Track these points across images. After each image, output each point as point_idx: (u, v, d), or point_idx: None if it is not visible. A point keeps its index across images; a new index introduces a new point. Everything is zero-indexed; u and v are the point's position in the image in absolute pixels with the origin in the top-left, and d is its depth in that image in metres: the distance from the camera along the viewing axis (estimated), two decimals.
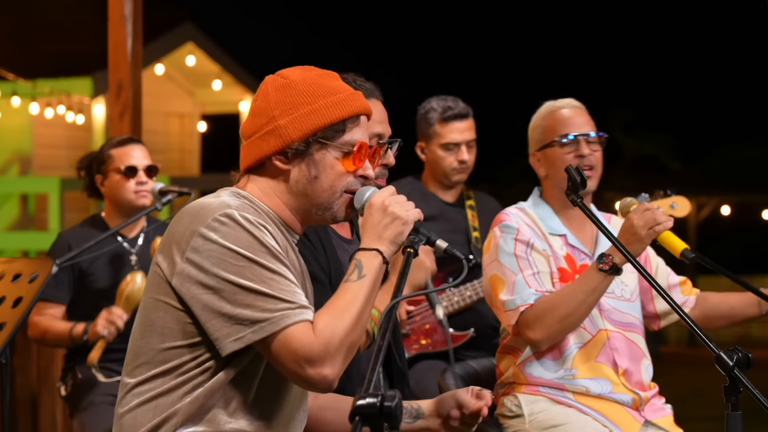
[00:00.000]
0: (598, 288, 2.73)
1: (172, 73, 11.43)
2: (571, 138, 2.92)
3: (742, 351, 2.22)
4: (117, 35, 4.70)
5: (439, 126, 3.91)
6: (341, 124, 1.94)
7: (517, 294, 2.80)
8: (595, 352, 2.86)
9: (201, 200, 1.94)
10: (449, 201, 4.01)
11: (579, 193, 2.69)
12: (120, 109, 4.71)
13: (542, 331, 2.76)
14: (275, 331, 1.82)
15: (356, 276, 1.88)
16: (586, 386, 2.83)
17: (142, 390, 1.92)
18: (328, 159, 1.94)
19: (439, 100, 3.96)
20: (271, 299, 1.84)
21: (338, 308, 1.86)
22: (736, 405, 2.17)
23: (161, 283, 1.91)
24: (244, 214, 1.88)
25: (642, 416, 2.86)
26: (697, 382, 7.69)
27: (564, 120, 2.95)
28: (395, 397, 1.57)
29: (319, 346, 1.82)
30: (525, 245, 2.85)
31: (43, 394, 4.78)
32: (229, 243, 1.85)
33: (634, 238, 2.68)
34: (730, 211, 14.83)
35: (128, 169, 3.67)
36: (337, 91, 1.96)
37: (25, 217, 10.03)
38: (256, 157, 1.95)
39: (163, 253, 1.92)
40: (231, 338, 1.84)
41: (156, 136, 10.79)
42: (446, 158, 3.91)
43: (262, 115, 1.95)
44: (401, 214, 1.94)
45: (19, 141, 10.32)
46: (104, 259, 3.72)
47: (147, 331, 1.93)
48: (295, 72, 1.98)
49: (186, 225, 1.89)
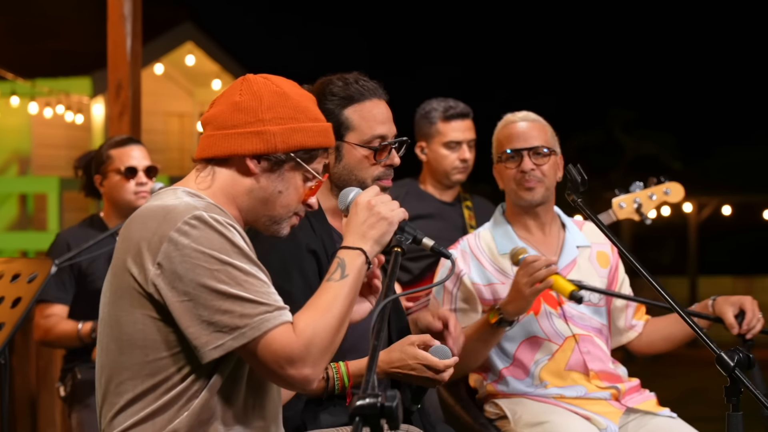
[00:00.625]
0: (489, 341, 2.79)
1: (172, 72, 11.42)
2: (509, 153, 2.91)
3: (743, 351, 2.23)
4: (116, 35, 4.69)
5: (442, 124, 3.92)
6: (316, 151, 1.95)
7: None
8: (564, 361, 2.87)
9: (161, 202, 1.89)
10: (447, 201, 4.01)
11: (580, 192, 2.68)
12: (119, 108, 4.70)
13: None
14: (256, 336, 1.80)
15: (339, 275, 1.87)
16: (561, 393, 2.85)
17: (134, 409, 1.87)
18: (296, 180, 1.94)
19: (439, 100, 3.97)
20: (249, 303, 1.81)
21: (320, 308, 1.84)
22: (737, 405, 2.17)
23: (135, 294, 1.86)
24: (213, 215, 1.85)
25: (623, 405, 2.87)
26: (697, 383, 7.67)
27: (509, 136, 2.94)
28: (395, 397, 1.57)
29: (300, 346, 1.80)
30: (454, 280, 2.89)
31: (42, 395, 4.76)
32: (202, 246, 1.81)
33: (519, 295, 2.71)
34: (732, 211, 14.80)
35: (128, 169, 3.67)
36: (320, 118, 1.97)
37: (23, 217, 10.02)
38: (229, 151, 1.92)
39: (130, 261, 1.86)
40: (211, 346, 1.81)
41: (155, 135, 10.78)
42: (448, 157, 3.92)
43: (249, 112, 1.92)
44: (387, 214, 1.94)
45: (18, 141, 10.31)
46: (103, 260, 3.71)
47: (127, 346, 1.87)
48: (284, 83, 1.97)
49: (153, 230, 1.84)
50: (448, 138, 3.92)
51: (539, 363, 2.86)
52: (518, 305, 2.71)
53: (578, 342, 2.88)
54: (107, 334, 1.91)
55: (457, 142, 3.92)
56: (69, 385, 3.74)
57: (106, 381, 1.90)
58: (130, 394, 1.87)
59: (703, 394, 5.99)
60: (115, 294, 1.89)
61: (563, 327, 2.88)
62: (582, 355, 2.87)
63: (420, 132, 4.00)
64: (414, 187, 4.02)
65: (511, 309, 2.73)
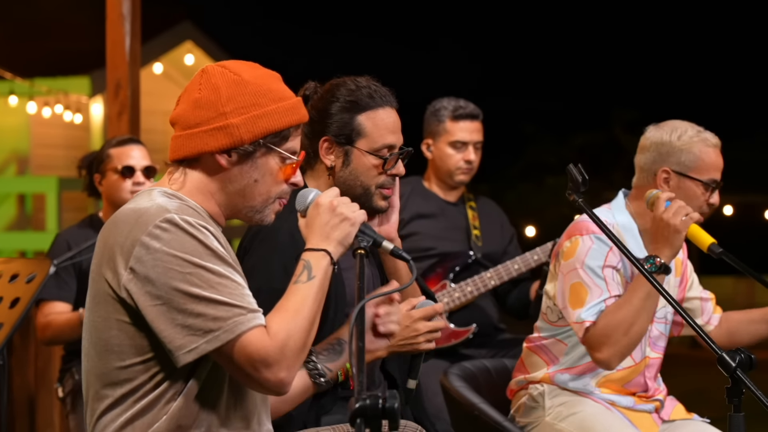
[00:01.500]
0: (652, 292, 2.64)
1: (171, 72, 11.41)
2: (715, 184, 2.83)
3: (745, 352, 2.22)
4: (115, 34, 4.69)
5: (450, 123, 3.91)
6: (287, 131, 1.92)
7: (587, 310, 2.72)
8: (630, 378, 2.85)
9: (134, 206, 1.88)
10: (450, 200, 4.00)
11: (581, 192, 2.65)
12: (118, 108, 4.70)
13: (610, 349, 2.67)
14: (230, 339, 1.79)
15: (305, 277, 1.85)
16: (611, 399, 2.84)
17: (113, 414, 1.87)
18: (270, 164, 1.92)
19: (449, 99, 3.97)
20: (222, 306, 1.79)
21: (290, 310, 1.83)
22: (738, 406, 2.16)
23: (108, 299, 1.85)
24: (184, 217, 1.84)
25: (660, 418, 2.88)
26: (699, 384, 7.66)
27: (716, 163, 2.82)
28: (396, 397, 1.57)
29: (274, 349, 1.79)
30: (612, 269, 2.77)
31: (40, 395, 4.75)
32: (174, 250, 1.80)
33: (670, 230, 2.64)
34: (733, 211, 14.79)
35: (125, 168, 3.66)
36: (285, 96, 1.93)
37: (22, 217, 10.00)
38: (197, 150, 1.90)
39: (105, 266, 1.85)
40: (184, 350, 1.80)
41: (154, 135, 10.76)
42: (453, 156, 3.91)
43: (209, 108, 1.89)
44: (349, 215, 1.92)
45: (17, 140, 10.29)
46: None
47: (103, 351, 1.87)
48: (243, 68, 1.93)
49: (125, 234, 1.83)
50: (455, 138, 3.90)
51: (612, 372, 2.82)
52: (672, 243, 2.62)
53: (648, 365, 2.86)
54: (87, 339, 1.91)
55: (464, 142, 3.91)
56: (67, 385, 3.74)
57: (88, 386, 1.91)
58: (109, 399, 1.87)
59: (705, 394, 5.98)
60: (93, 299, 1.89)
61: (645, 344, 2.85)
62: (645, 379, 2.86)
63: (428, 129, 3.99)
64: (419, 185, 4.01)
65: (668, 251, 2.64)
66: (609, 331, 2.66)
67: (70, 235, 3.76)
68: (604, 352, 2.67)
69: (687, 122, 2.86)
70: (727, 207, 14.73)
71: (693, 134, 2.82)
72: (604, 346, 2.67)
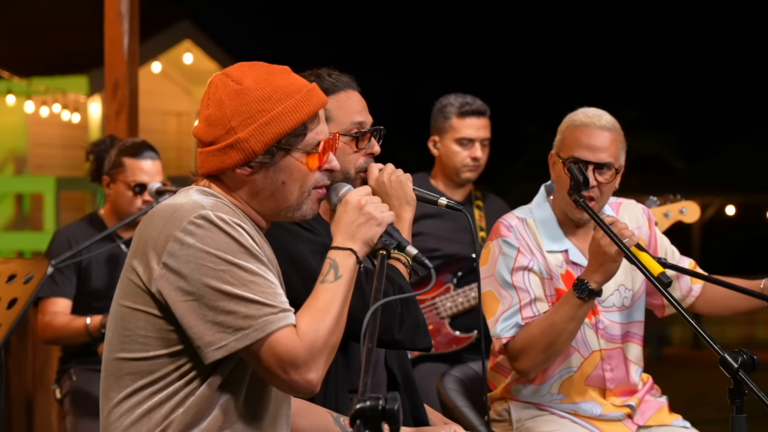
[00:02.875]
0: (577, 315, 2.62)
1: (169, 71, 11.39)
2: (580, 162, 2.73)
3: (747, 353, 2.21)
4: (113, 33, 4.67)
5: (456, 120, 3.88)
6: (302, 127, 1.89)
7: (502, 323, 2.74)
8: (585, 375, 2.81)
9: (171, 201, 1.88)
10: (457, 199, 3.96)
11: (582, 192, 2.65)
12: (116, 107, 4.68)
13: (528, 362, 2.69)
14: (260, 338, 1.79)
15: (333, 276, 1.85)
16: (575, 410, 2.80)
17: (131, 404, 1.87)
18: (294, 163, 1.90)
19: (457, 96, 3.93)
20: (254, 304, 1.79)
21: (319, 310, 1.82)
22: (741, 408, 2.15)
23: (138, 291, 1.86)
24: (219, 214, 1.83)
25: (634, 423, 2.82)
26: (701, 385, 7.66)
27: (579, 140, 2.73)
28: (396, 399, 1.56)
29: (303, 350, 1.79)
30: (523, 269, 2.75)
31: (38, 396, 4.74)
32: (207, 246, 1.80)
33: (606, 257, 2.57)
34: (735, 211, 14.78)
35: (138, 186, 3.62)
36: (293, 92, 1.90)
37: (20, 217, 9.98)
38: (217, 168, 1.91)
39: (137, 258, 1.86)
40: (214, 346, 1.80)
41: (153, 134, 10.73)
42: (459, 153, 3.88)
43: (218, 125, 1.88)
44: (376, 215, 1.90)
45: (14, 140, 10.27)
46: (101, 260, 3.69)
47: (127, 341, 1.87)
48: (245, 73, 1.90)
49: (159, 229, 1.84)
50: (461, 134, 3.87)
51: (563, 374, 2.79)
52: (606, 269, 2.57)
53: (603, 358, 2.81)
54: (112, 329, 1.91)
55: (470, 139, 3.88)
56: (65, 386, 3.72)
57: (107, 374, 1.90)
58: (128, 389, 1.87)
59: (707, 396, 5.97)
60: (123, 289, 1.89)
61: (593, 339, 2.80)
62: (603, 372, 2.81)
63: (434, 126, 3.96)
64: (426, 182, 3.97)
65: (599, 277, 2.58)
66: (527, 347, 2.67)
67: (70, 232, 3.73)
68: (522, 363, 2.70)
69: (587, 109, 2.81)
70: (730, 207, 14.73)
71: (573, 114, 2.79)
72: (522, 359, 2.69)
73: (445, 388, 2.95)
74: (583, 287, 2.59)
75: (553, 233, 2.80)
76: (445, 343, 3.78)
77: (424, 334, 2.33)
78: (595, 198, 2.71)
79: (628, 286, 2.85)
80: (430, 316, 3.80)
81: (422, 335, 2.32)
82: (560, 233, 2.80)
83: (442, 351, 3.77)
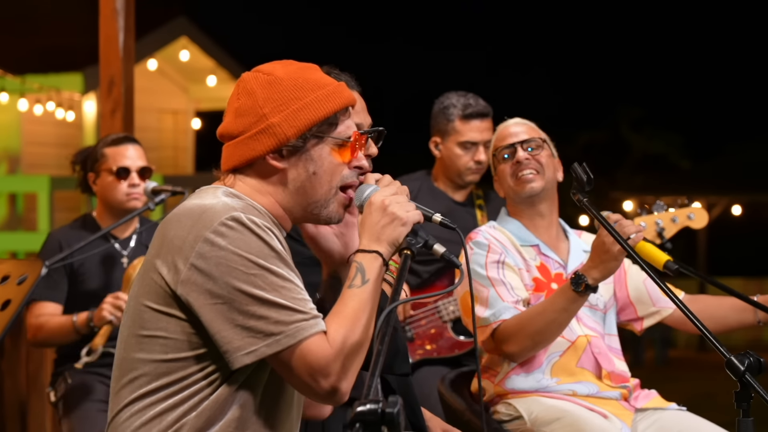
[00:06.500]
0: (570, 308, 2.70)
1: (166, 68, 11.34)
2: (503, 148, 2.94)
3: (754, 355, 2.20)
4: (108, 29, 4.65)
5: (459, 123, 3.82)
6: (334, 117, 1.90)
7: (490, 309, 2.79)
8: (575, 358, 2.85)
9: (199, 201, 1.85)
10: (459, 200, 3.91)
11: (585, 192, 2.63)
12: (111, 105, 4.65)
13: (515, 345, 2.75)
14: (291, 344, 1.77)
15: (360, 281, 1.83)
16: (572, 389, 2.83)
17: (143, 405, 1.84)
18: (325, 152, 1.90)
19: (458, 96, 3.86)
20: (285, 310, 1.77)
21: (348, 317, 1.80)
22: (747, 411, 2.13)
23: (161, 292, 1.83)
24: (251, 217, 1.81)
25: (632, 405, 2.86)
26: (706, 387, 7.64)
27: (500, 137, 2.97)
28: (397, 403, 1.54)
29: (333, 357, 1.77)
30: (496, 263, 2.84)
31: (32, 400, 4.70)
32: (239, 249, 1.78)
33: (608, 255, 2.63)
34: (741, 211, 14.75)
35: (120, 170, 3.61)
36: (324, 84, 1.91)
37: (13, 217, 9.92)
38: (247, 158, 1.89)
39: (161, 258, 1.82)
40: (243, 351, 1.77)
41: (149, 133, 10.70)
42: (462, 157, 3.83)
43: (249, 114, 1.89)
44: (401, 214, 1.88)
45: (7, 138, 10.22)
46: (95, 261, 3.67)
47: (146, 341, 1.84)
48: (276, 67, 1.92)
49: (188, 229, 1.81)
50: (464, 138, 3.81)
51: (551, 358, 2.83)
52: (606, 266, 2.63)
53: (590, 342, 2.86)
54: (128, 327, 1.88)
55: (474, 142, 3.82)
56: (60, 389, 3.69)
57: (121, 374, 1.88)
58: (142, 389, 1.85)
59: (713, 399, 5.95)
60: (143, 289, 1.86)
61: (575, 325, 2.86)
62: (594, 355, 2.85)
63: (436, 127, 3.89)
64: (428, 182, 3.93)
65: (598, 274, 2.65)
66: (516, 330, 2.74)
67: (63, 234, 3.71)
68: (509, 346, 2.76)
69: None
70: (736, 207, 14.71)
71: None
72: (509, 342, 2.75)
73: (449, 392, 2.92)
74: (580, 281, 2.64)
75: (521, 233, 2.92)
76: (447, 347, 3.74)
77: (403, 361, 2.33)
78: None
79: (600, 292, 2.90)
80: (433, 320, 3.76)
81: (401, 362, 2.32)
82: (528, 232, 2.92)
83: (444, 355, 3.73)
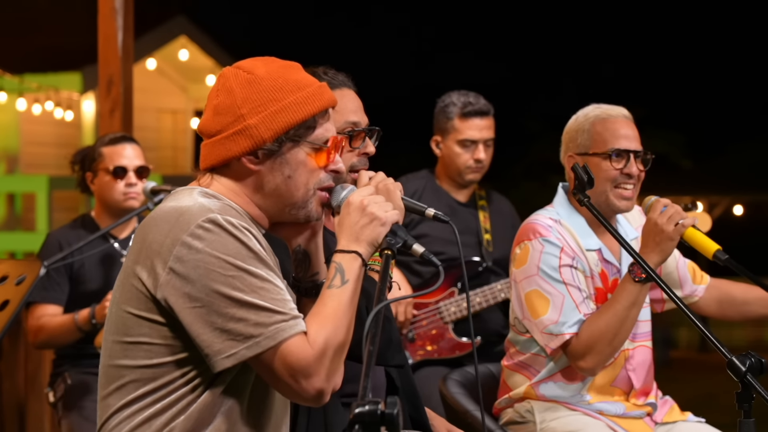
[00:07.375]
0: (638, 300, 2.64)
1: (165, 67, 11.32)
2: (622, 152, 2.75)
3: (755, 356, 2.20)
4: (107, 29, 4.64)
5: (459, 121, 3.81)
6: (312, 120, 1.88)
7: (564, 319, 2.69)
8: (613, 376, 2.80)
9: (176, 204, 1.83)
10: (461, 200, 3.90)
11: (586, 192, 2.63)
12: (110, 105, 4.64)
13: (594, 359, 2.66)
14: (271, 346, 1.75)
15: (339, 281, 1.82)
16: (601, 409, 2.79)
17: (131, 411, 1.83)
18: (301, 156, 1.88)
19: (459, 94, 3.86)
20: (264, 311, 1.76)
21: (329, 317, 1.79)
22: (749, 412, 2.14)
23: (141, 297, 1.81)
24: (228, 218, 1.80)
25: (653, 421, 2.83)
26: (708, 388, 7.63)
27: (615, 132, 2.75)
28: (395, 404, 1.54)
29: (314, 358, 1.76)
30: (570, 267, 2.72)
31: (30, 400, 4.69)
32: (216, 251, 1.76)
33: (662, 236, 2.60)
34: (743, 211, 14.76)
35: (117, 169, 3.61)
36: (305, 85, 1.89)
37: (11, 217, 9.89)
38: (223, 158, 1.87)
39: (140, 264, 1.81)
40: (223, 355, 1.76)
41: (148, 133, 10.68)
42: (462, 155, 3.82)
43: (227, 113, 1.86)
44: (380, 214, 1.87)
45: (6, 138, 10.20)
46: (94, 261, 3.66)
47: (130, 348, 1.83)
48: (257, 65, 1.90)
49: (165, 233, 1.79)
50: (464, 136, 3.81)
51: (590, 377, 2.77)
52: (663, 248, 2.59)
53: (628, 358, 2.81)
54: (112, 334, 1.87)
55: (473, 141, 3.81)
56: (59, 390, 3.68)
57: (107, 381, 1.87)
58: (130, 396, 1.84)
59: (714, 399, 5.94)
60: (123, 295, 1.85)
61: None
62: (628, 372, 2.81)
63: (437, 126, 3.89)
64: (431, 182, 3.92)
65: (657, 257, 2.60)
66: (593, 342, 2.64)
67: (62, 235, 3.71)
68: (588, 361, 2.66)
69: (596, 104, 2.81)
70: (738, 207, 14.70)
71: (589, 111, 2.79)
72: (588, 356, 2.66)
73: (451, 393, 2.91)
74: (634, 273, 2.61)
75: (585, 232, 2.79)
76: (448, 348, 3.73)
77: (397, 351, 2.31)
78: (634, 186, 2.74)
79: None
80: (434, 321, 3.75)
81: (394, 352, 2.30)
82: (591, 232, 2.80)
83: (445, 356, 3.71)
